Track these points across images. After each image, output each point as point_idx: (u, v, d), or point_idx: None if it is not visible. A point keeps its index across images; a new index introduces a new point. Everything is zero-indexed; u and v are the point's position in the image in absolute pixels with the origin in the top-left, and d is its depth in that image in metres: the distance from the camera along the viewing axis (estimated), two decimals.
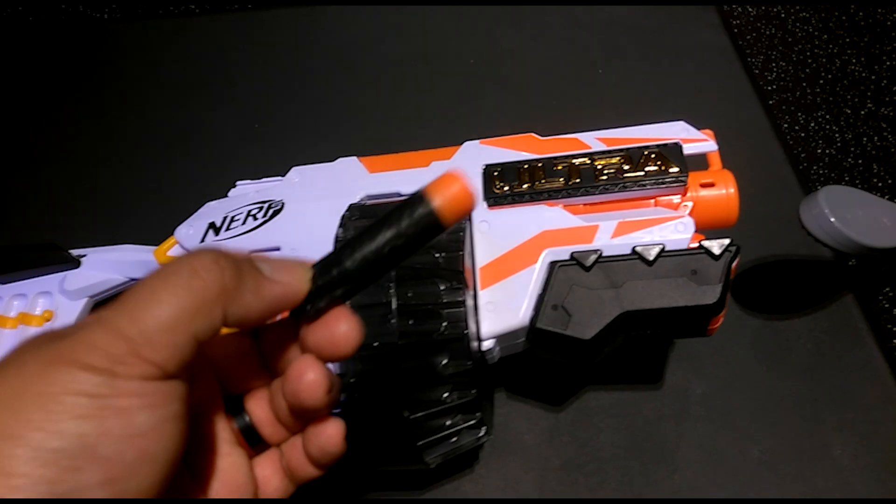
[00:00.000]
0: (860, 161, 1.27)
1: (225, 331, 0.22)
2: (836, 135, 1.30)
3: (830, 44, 1.41)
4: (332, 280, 0.22)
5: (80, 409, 0.17)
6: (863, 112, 1.32)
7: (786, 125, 1.28)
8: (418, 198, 0.21)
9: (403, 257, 0.22)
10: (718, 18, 0.62)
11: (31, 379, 0.17)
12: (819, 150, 1.28)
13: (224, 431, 0.25)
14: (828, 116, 1.32)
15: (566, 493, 0.40)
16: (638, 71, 0.60)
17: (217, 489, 0.24)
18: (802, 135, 1.29)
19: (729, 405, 0.43)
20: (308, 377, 0.23)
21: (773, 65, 1.37)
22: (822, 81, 1.36)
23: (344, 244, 0.22)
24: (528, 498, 0.40)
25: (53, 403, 0.17)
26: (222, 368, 0.25)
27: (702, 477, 0.40)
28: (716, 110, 0.55)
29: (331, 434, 0.25)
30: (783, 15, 1.44)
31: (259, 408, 0.26)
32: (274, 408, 0.25)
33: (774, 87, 1.34)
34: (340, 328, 0.23)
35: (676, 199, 0.36)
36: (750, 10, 1.45)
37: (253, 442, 0.25)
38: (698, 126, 0.39)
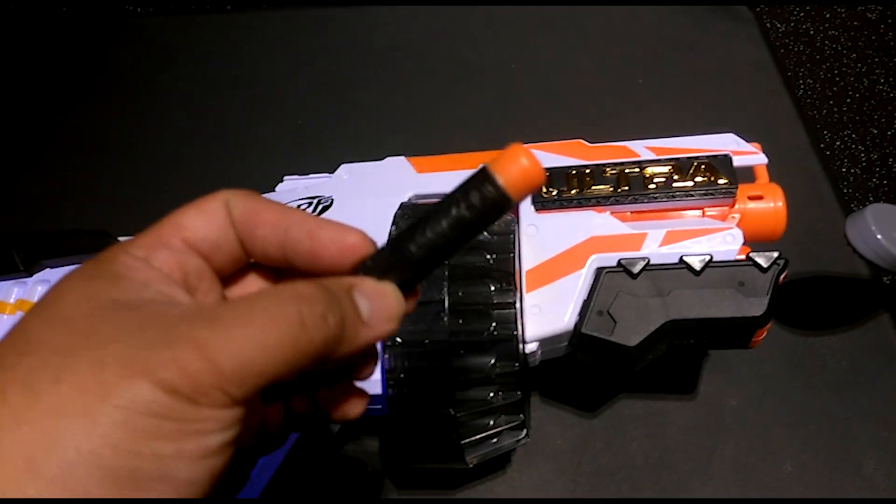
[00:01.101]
0: (885, 182, 1.26)
1: None
2: (862, 154, 1.29)
3: (859, 63, 1.40)
4: (406, 280, 0.21)
5: (160, 431, 0.16)
6: (889, 132, 1.31)
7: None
8: (485, 175, 0.20)
9: (470, 238, 0.21)
10: (759, 33, 0.62)
11: (110, 387, 0.16)
12: (844, 170, 1.27)
13: None
14: (854, 136, 1.31)
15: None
16: (676, 82, 0.60)
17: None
18: (828, 153, 1.29)
19: (762, 419, 0.43)
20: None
21: (801, 82, 1.37)
22: (848, 100, 1.35)
23: (410, 233, 0.21)
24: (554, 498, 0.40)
25: (134, 422, 0.16)
26: None
27: (733, 489, 0.40)
28: (754, 124, 0.55)
29: (356, 404, 0.24)
30: (812, 32, 1.44)
31: None
32: None
33: (801, 104, 1.34)
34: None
35: (724, 210, 0.37)
36: (779, 26, 1.44)
37: (270, 394, 0.24)
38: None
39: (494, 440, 0.34)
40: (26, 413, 0.16)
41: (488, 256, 0.33)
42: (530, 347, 0.34)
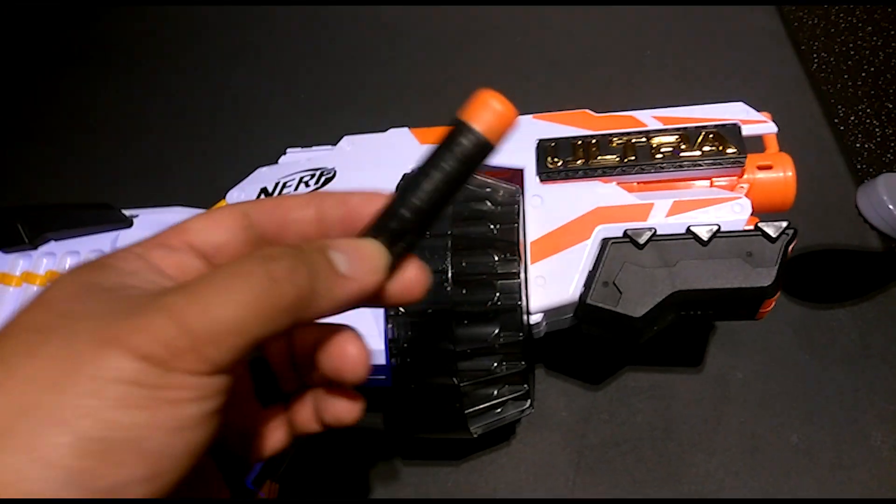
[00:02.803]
0: None
1: None
2: (877, 129, 1.27)
3: (874, 36, 1.37)
4: (401, 239, 0.21)
5: (132, 398, 0.16)
6: None
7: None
8: (462, 127, 0.20)
9: (458, 189, 0.21)
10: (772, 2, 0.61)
11: (82, 358, 0.16)
12: (858, 145, 1.25)
13: (244, 382, 0.24)
14: (868, 110, 1.29)
15: (602, 471, 0.40)
16: (686, 53, 0.59)
17: (229, 439, 0.24)
18: (842, 128, 1.27)
19: (769, 392, 0.42)
20: (351, 353, 0.22)
21: (815, 55, 1.34)
22: (864, 74, 1.33)
23: (399, 194, 0.21)
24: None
25: (105, 390, 0.16)
26: None
27: (739, 461, 0.40)
28: (766, 94, 0.54)
29: (352, 409, 0.24)
30: (826, 5, 1.41)
31: (277, 358, 0.25)
32: (296, 359, 0.25)
33: (814, 76, 1.31)
34: (410, 273, 0.22)
35: (733, 180, 0.36)
36: None
37: (269, 396, 0.25)
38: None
39: (499, 410, 0.34)
40: (1, 385, 0.16)
41: (492, 226, 0.33)
42: (535, 319, 0.34)
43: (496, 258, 0.32)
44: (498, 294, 0.32)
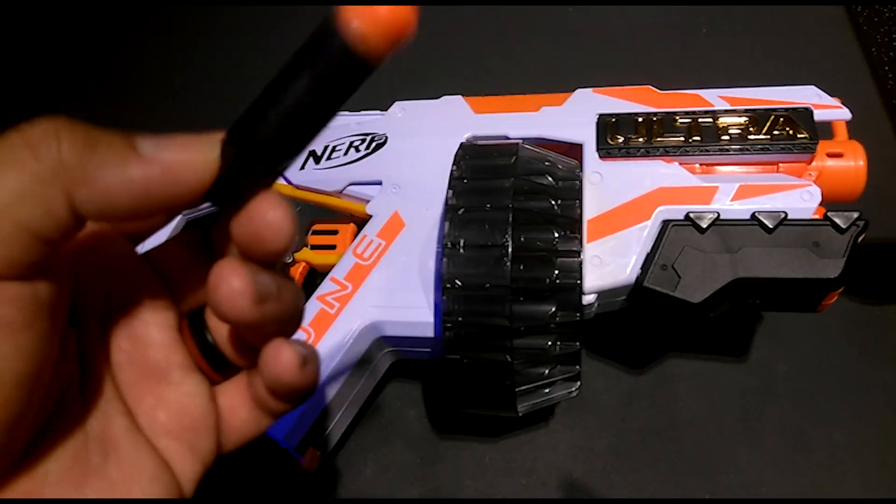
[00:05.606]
0: None
1: (92, 227, 0.19)
2: None
3: None
4: (251, 153, 0.17)
5: None
6: None
7: None
8: (330, 23, 0.15)
9: (332, 109, 0.17)
10: None
11: None
12: None
13: (175, 355, 0.21)
14: None
15: (641, 456, 0.40)
16: (741, 32, 0.57)
17: (165, 423, 0.20)
18: None
19: (814, 387, 0.41)
20: (224, 287, 0.18)
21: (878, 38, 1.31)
22: None
23: (253, 103, 0.17)
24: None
25: None
26: (174, 279, 0.21)
27: (780, 455, 0.40)
28: (823, 80, 0.52)
29: (283, 362, 0.19)
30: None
31: (222, 323, 0.21)
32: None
33: (874, 63, 1.28)
34: (267, 217, 0.18)
35: (801, 166, 0.35)
36: None
37: (217, 365, 0.21)
38: None
39: (547, 390, 0.34)
40: None
41: (553, 202, 0.32)
42: (588, 299, 0.33)
43: (556, 235, 0.31)
44: (557, 272, 0.31)
